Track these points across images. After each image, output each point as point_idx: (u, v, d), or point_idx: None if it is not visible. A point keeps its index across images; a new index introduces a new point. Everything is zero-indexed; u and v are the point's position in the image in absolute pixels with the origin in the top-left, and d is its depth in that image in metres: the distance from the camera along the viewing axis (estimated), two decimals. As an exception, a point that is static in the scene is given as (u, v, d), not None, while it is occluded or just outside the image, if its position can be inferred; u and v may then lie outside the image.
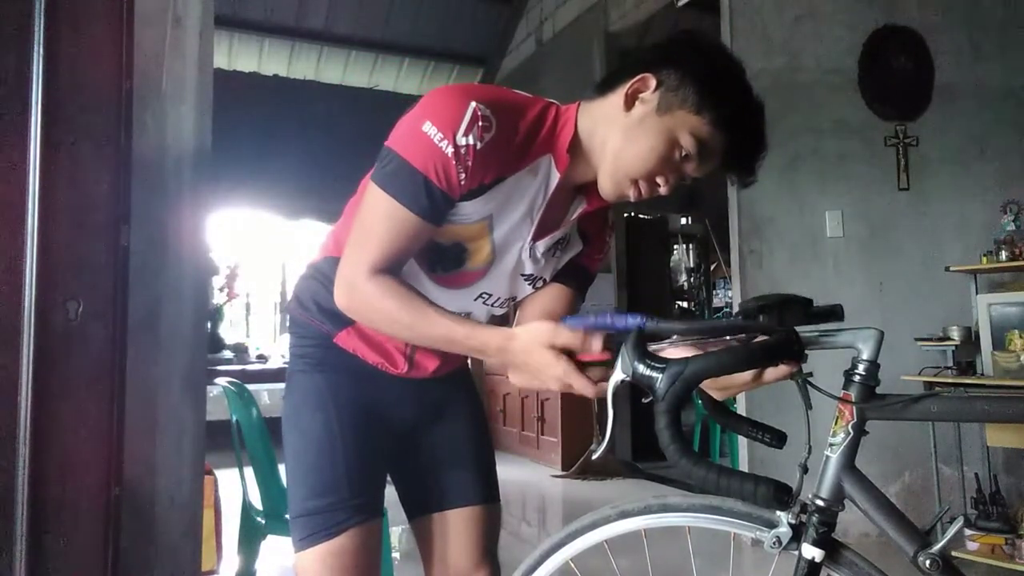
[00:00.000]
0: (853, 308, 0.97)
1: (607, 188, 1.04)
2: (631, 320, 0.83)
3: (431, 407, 1.25)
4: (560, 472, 4.80)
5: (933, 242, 3.26)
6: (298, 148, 5.75)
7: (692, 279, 8.02)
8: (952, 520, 0.87)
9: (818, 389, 0.87)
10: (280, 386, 1.29)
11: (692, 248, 8.14)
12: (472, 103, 0.95)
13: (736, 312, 0.94)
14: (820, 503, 0.86)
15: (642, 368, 0.78)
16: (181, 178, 1.42)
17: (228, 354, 4.95)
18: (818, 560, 0.86)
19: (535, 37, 6.02)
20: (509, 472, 4.73)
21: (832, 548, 0.87)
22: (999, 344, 2.76)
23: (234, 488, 2.57)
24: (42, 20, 1.18)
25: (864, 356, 0.86)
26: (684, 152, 0.99)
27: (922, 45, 3.35)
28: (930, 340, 2.96)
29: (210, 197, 1.50)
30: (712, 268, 8.08)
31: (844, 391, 0.87)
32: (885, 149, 3.31)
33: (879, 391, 0.86)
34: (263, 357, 5.21)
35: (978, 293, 2.93)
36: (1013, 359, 2.71)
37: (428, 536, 1.26)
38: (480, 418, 1.34)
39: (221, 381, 2.47)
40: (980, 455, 2.95)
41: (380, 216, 0.98)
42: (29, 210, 1.16)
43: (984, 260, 2.90)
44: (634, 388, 0.81)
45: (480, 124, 0.95)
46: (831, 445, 0.87)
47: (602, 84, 1.05)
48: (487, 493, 1.27)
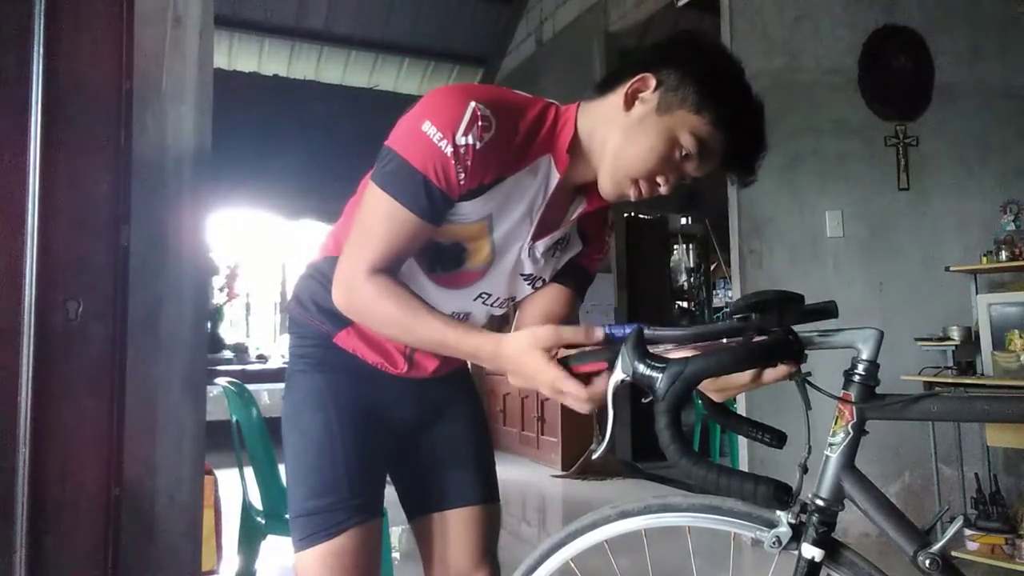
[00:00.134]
0: (853, 308, 0.97)
1: (607, 188, 1.04)
2: (628, 331, 0.83)
3: (431, 407, 1.25)
4: (560, 472, 4.80)
5: (933, 242, 3.26)
6: (298, 148, 5.76)
7: (692, 279, 8.03)
8: (952, 520, 0.86)
9: (818, 389, 0.87)
10: (280, 386, 1.29)
11: (692, 248, 8.15)
12: (472, 103, 0.95)
13: (729, 311, 0.94)
14: (820, 503, 0.86)
15: (642, 368, 0.78)
16: (181, 178, 1.42)
17: (228, 354, 4.95)
18: (818, 560, 0.85)
19: (535, 37, 6.02)
20: (509, 472, 4.73)
21: (832, 548, 0.87)
22: (999, 344, 2.76)
23: (234, 488, 2.57)
24: (42, 20, 1.18)
25: (864, 356, 0.86)
26: (684, 152, 0.99)
27: (922, 45, 3.35)
28: (930, 340, 2.95)
29: (210, 197, 1.50)
30: (712, 268, 8.08)
31: (844, 391, 0.87)
32: (885, 149, 3.31)
33: (879, 391, 0.86)
34: (263, 357, 5.21)
35: (978, 293, 2.93)
36: (1013, 359, 2.71)
37: (428, 536, 1.26)
38: (480, 418, 1.34)
39: (221, 381, 2.47)
40: (980, 455, 2.95)
41: (379, 216, 0.98)
42: (29, 210, 1.17)
43: (984, 260, 2.90)
44: (634, 388, 0.81)
45: (480, 124, 0.94)
46: (831, 445, 0.87)
47: (602, 84, 1.05)
48: (487, 493, 1.27)
